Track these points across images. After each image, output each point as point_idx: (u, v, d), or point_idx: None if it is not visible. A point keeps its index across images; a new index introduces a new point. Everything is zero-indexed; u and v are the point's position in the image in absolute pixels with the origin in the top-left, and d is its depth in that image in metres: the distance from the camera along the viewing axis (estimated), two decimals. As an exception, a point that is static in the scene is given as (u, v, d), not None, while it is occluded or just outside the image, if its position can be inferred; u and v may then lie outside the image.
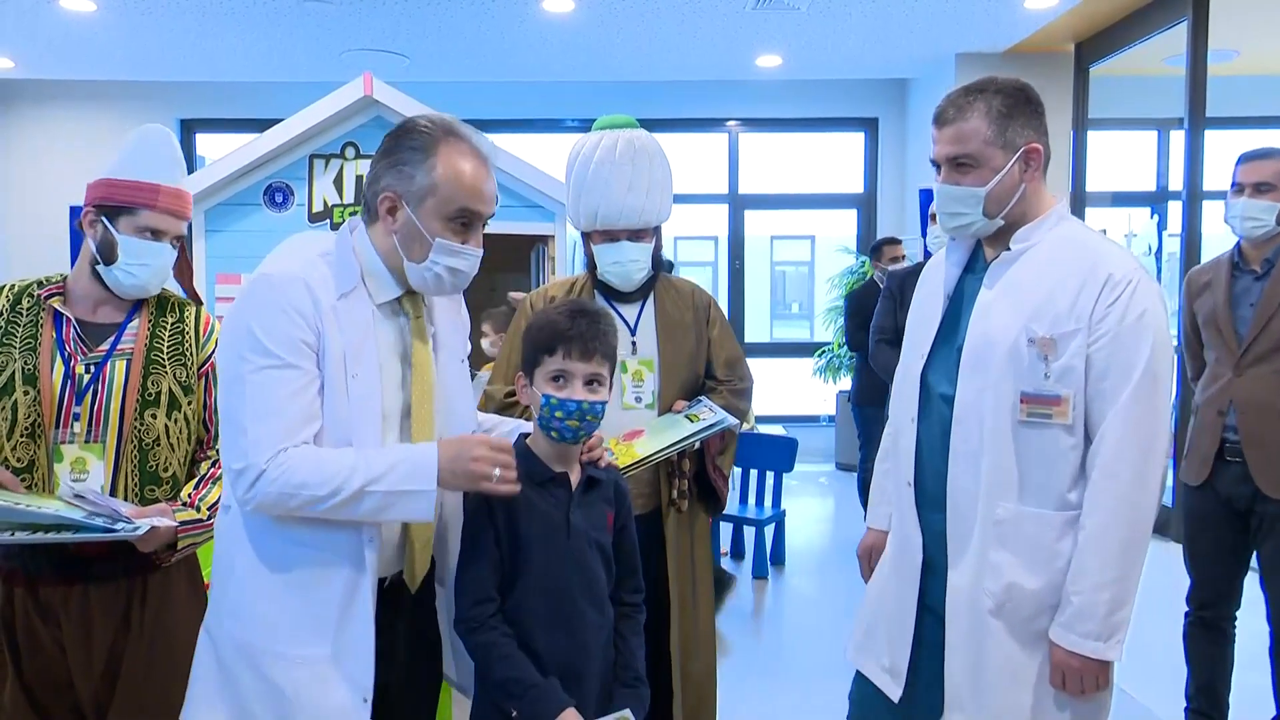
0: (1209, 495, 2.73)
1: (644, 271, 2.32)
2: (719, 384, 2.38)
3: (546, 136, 7.95)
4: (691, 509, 2.36)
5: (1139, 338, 1.60)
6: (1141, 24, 5.73)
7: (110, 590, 1.81)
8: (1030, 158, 1.68)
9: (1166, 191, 7.05)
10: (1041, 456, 1.64)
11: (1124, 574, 1.59)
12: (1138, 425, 1.59)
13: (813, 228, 18.38)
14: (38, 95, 7.41)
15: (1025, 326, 1.64)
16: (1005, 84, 1.70)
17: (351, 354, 1.49)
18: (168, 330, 1.91)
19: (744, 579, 4.80)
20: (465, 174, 1.53)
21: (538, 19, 5.82)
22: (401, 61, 6.68)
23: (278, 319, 1.44)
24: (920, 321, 1.87)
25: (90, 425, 1.80)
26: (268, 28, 5.96)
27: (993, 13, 5.76)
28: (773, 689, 3.47)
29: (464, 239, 1.55)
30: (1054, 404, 1.63)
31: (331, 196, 4.61)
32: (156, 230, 1.85)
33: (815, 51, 6.66)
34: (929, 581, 1.80)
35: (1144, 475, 1.59)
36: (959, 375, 1.71)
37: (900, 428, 1.87)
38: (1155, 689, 3.32)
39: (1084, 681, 1.62)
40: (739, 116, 7.83)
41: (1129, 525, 1.59)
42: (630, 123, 2.37)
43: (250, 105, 7.45)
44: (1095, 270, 1.62)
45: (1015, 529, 1.66)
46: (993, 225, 1.71)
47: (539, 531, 1.60)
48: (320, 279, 1.49)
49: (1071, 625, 1.61)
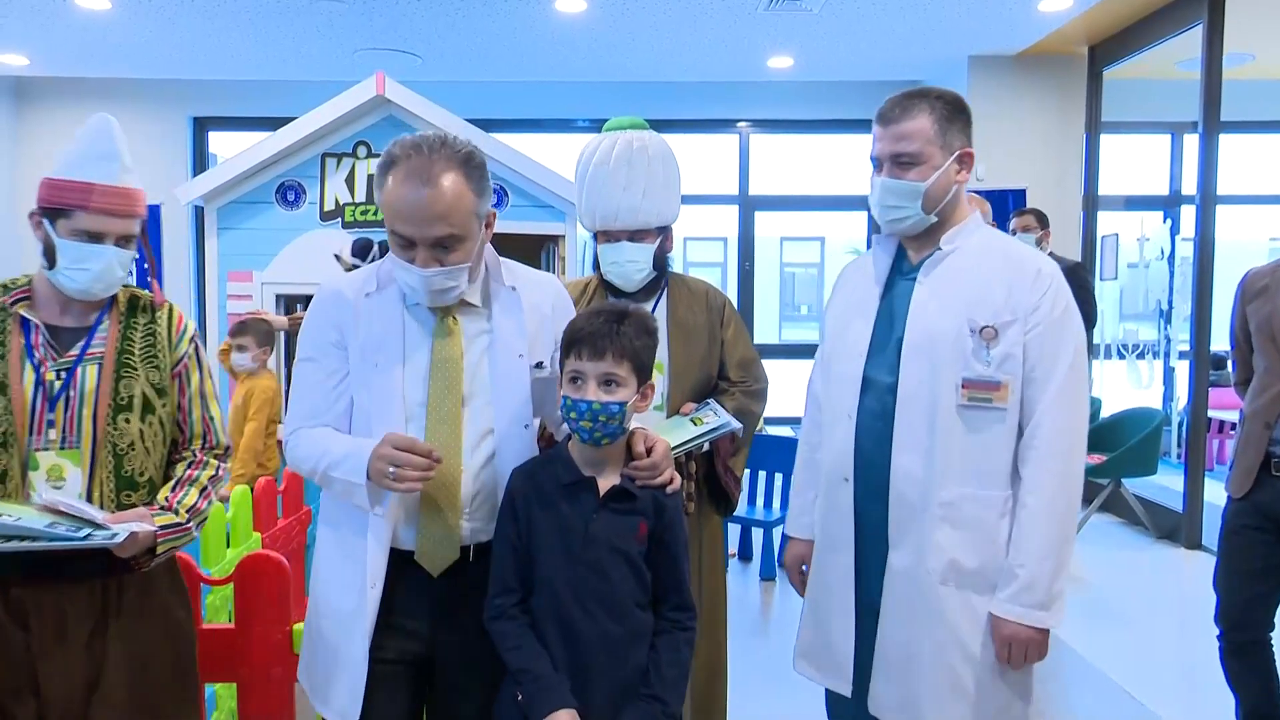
0: (1249, 508, 2.62)
1: (644, 273, 2.31)
2: (732, 385, 2.37)
3: (558, 136, 7.95)
4: (703, 511, 2.35)
5: (1065, 328, 1.76)
6: (1156, 27, 5.70)
7: (85, 591, 1.74)
8: (964, 160, 1.84)
9: (1180, 196, 7.01)
10: (983, 439, 1.77)
11: (1062, 545, 1.73)
12: (1068, 408, 1.73)
13: (823, 229, 18.34)
14: (52, 92, 7.45)
15: (968, 317, 1.77)
16: (944, 92, 1.85)
17: (373, 345, 1.69)
18: (139, 332, 1.85)
19: (751, 581, 4.79)
20: (392, 199, 1.61)
21: (550, 19, 5.82)
22: (414, 61, 6.69)
23: (313, 322, 1.75)
24: (851, 320, 1.96)
25: (65, 432, 1.74)
26: (281, 26, 5.98)
27: (1006, 15, 5.73)
28: (779, 691, 3.46)
29: (409, 257, 1.63)
30: (994, 389, 1.76)
31: (343, 195, 4.62)
32: (93, 232, 1.73)
33: (827, 53, 6.65)
34: (865, 575, 1.88)
35: (1076, 453, 1.75)
36: (901, 366, 1.82)
37: (835, 424, 1.94)
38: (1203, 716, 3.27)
39: (1029, 652, 1.73)
40: (750, 117, 7.82)
41: (1067, 500, 1.74)
42: (638, 124, 2.37)
43: (263, 104, 7.47)
44: (1024, 266, 1.79)
45: (959, 510, 1.77)
46: (926, 221, 1.84)
47: (555, 533, 1.61)
48: (358, 282, 1.74)
49: (1018, 597, 1.72)
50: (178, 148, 7.60)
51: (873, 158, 1.88)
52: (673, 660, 1.64)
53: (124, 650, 1.76)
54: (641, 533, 1.63)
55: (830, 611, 1.94)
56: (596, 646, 1.59)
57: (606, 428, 1.60)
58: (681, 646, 1.66)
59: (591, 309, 1.67)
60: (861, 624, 1.90)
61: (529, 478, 1.67)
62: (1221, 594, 2.70)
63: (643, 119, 2.40)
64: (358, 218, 4.58)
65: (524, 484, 1.66)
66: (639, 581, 1.63)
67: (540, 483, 1.65)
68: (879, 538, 1.85)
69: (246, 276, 4.30)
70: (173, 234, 7.23)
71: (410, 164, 1.60)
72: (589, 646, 1.58)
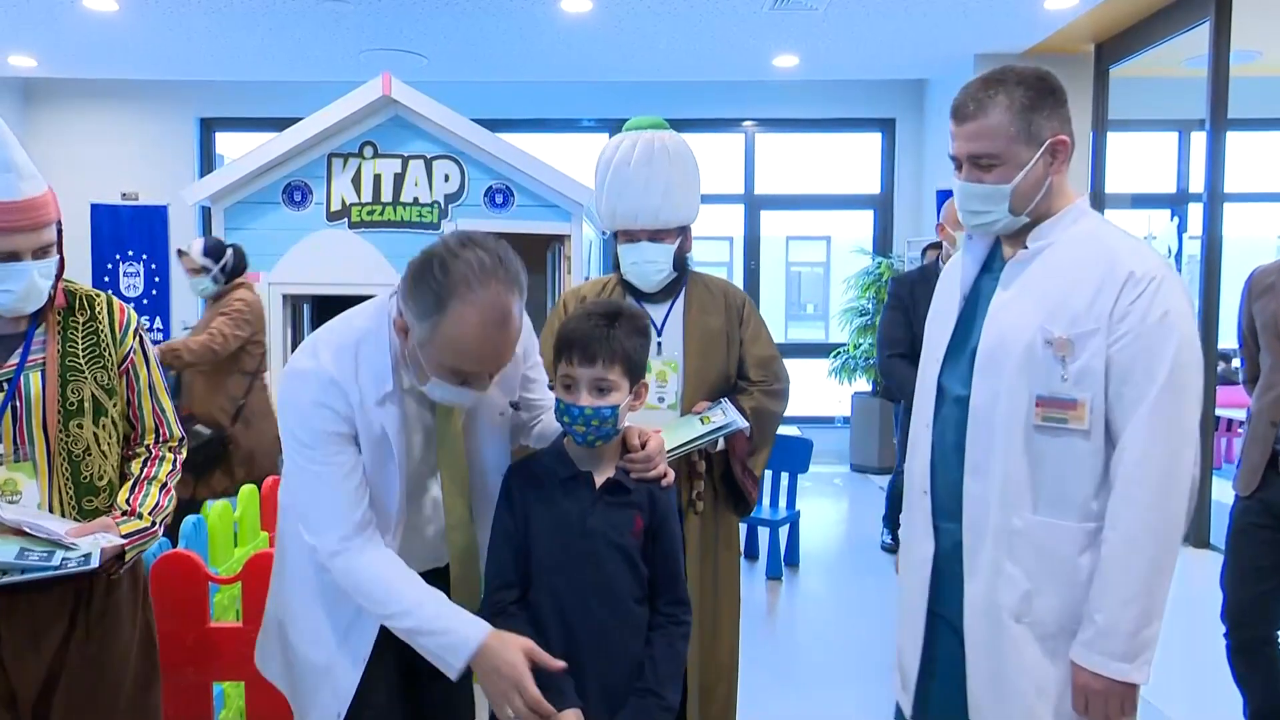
0: (1257, 506, 2.62)
1: (663, 273, 2.30)
2: (752, 385, 2.34)
3: (563, 136, 7.96)
4: (719, 511, 2.33)
5: (1163, 338, 1.50)
6: (1162, 25, 5.68)
7: (55, 597, 1.69)
8: (1056, 150, 1.60)
9: (1187, 193, 6.99)
10: (1058, 464, 1.56)
11: (1150, 589, 1.49)
12: (1163, 432, 1.50)
13: (829, 229, 18.30)
14: (60, 93, 7.48)
15: (1041, 326, 1.56)
16: (1026, 74, 1.59)
17: (392, 441, 1.56)
18: (80, 331, 1.76)
19: (758, 580, 4.79)
20: (465, 341, 1.43)
21: (556, 19, 5.83)
22: (420, 61, 6.71)
23: (310, 415, 1.52)
24: (936, 323, 1.81)
25: (15, 444, 1.66)
26: (287, 27, 5.99)
27: (1012, 13, 5.72)
28: (786, 690, 3.46)
29: (460, 381, 1.50)
30: (1070, 408, 1.54)
31: (350, 195, 4.63)
32: (7, 253, 1.62)
33: (832, 52, 6.64)
34: (944, 592, 1.73)
35: (1170, 485, 1.50)
36: (973, 378, 1.64)
37: (917, 434, 1.80)
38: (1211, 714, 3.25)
39: (1108, 706, 1.53)
40: (755, 117, 7.81)
41: (1155, 538, 1.50)
42: (658, 124, 2.35)
43: (269, 104, 7.49)
44: (1115, 267, 1.54)
45: (1029, 540, 1.58)
46: (1018, 222, 1.64)
47: (554, 527, 1.62)
48: (354, 377, 1.53)
49: (1094, 644, 1.52)
50: (185, 148, 7.63)
51: (951, 156, 1.67)
52: (668, 655, 1.63)
53: (89, 653, 1.73)
54: (637, 527, 1.63)
55: (905, 626, 1.82)
56: (593, 639, 1.59)
57: (600, 431, 1.60)
58: (677, 641, 1.65)
59: (584, 309, 1.65)
60: (938, 644, 1.75)
61: (526, 471, 1.67)
62: (1228, 592, 2.70)
63: (662, 119, 2.38)
64: (364, 218, 4.58)
65: (521, 478, 1.67)
66: (634, 575, 1.63)
67: (537, 476, 1.66)
68: (956, 557, 1.69)
69: (254, 276, 4.31)
70: (180, 234, 7.26)
71: (486, 301, 1.42)
72: (585, 639, 1.59)
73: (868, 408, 7.30)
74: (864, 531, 5.78)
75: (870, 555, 5.25)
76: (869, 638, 3.99)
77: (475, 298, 1.41)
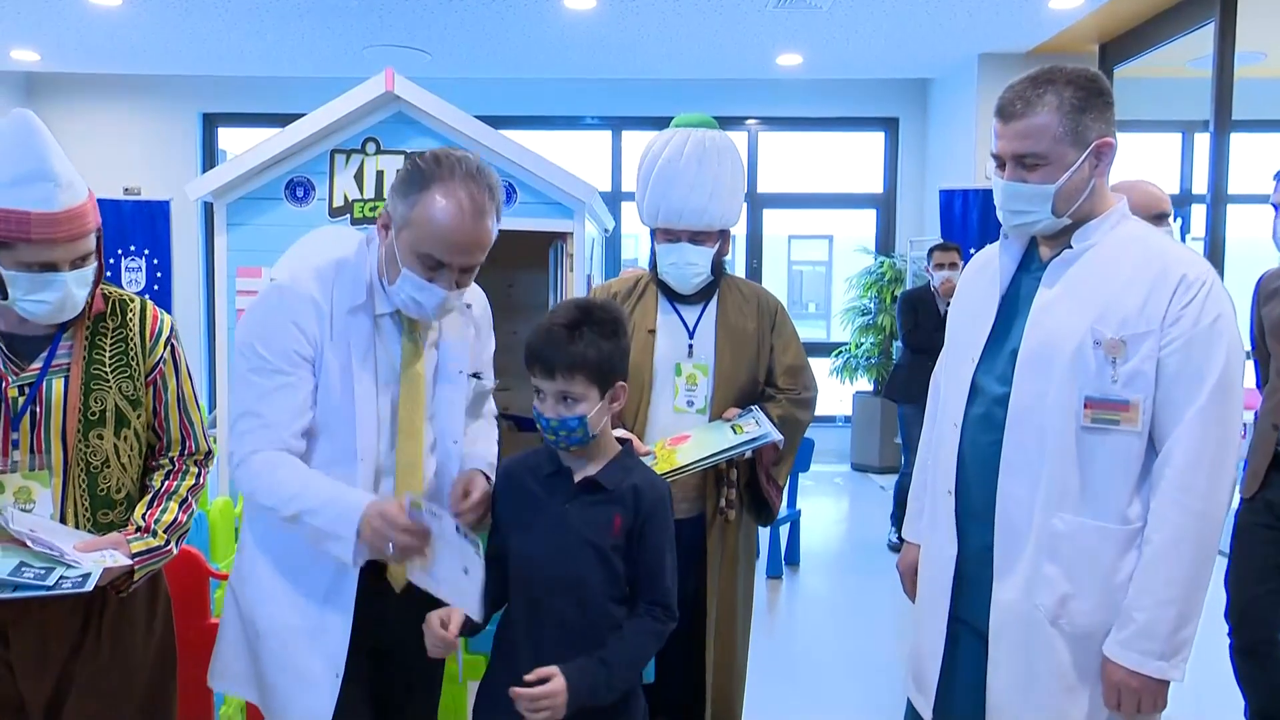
0: (1261, 507, 2.62)
1: (701, 276, 2.27)
2: (780, 393, 2.31)
3: (566, 133, 7.95)
4: (742, 518, 2.31)
5: (1213, 343, 1.51)
6: (1167, 25, 5.67)
7: (66, 610, 1.62)
8: (1101, 153, 1.59)
9: (1190, 195, 6.97)
10: (1106, 465, 1.56)
11: (1191, 591, 1.51)
12: (1211, 436, 1.50)
13: (831, 228, 18.29)
14: (63, 88, 7.48)
15: (1091, 328, 1.55)
16: (1076, 74, 1.58)
17: (357, 364, 1.62)
18: (109, 338, 1.68)
19: (758, 579, 4.79)
20: (438, 221, 1.54)
21: (559, 16, 5.82)
22: (423, 57, 6.70)
23: (278, 329, 1.60)
24: (969, 320, 1.76)
25: (32, 452, 1.59)
26: (290, 23, 5.99)
27: (1016, 13, 5.71)
28: (786, 688, 3.46)
29: (430, 277, 1.58)
30: (1122, 409, 1.53)
31: (352, 191, 4.63)
32: (43, 263, 1.54)
33: (836, 50, 6.63)
34: (965, 595, 1.71)
35: (1215, 489, 1.51)
36: (1015, 378, 1.62)
37: (943, 433, 1.78)
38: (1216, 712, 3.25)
39: (1142, 702, 1.54)
40: (758, 115, 7.80)
41: (1197, 540, 1.51)
42: (708, 122, 2.31)
43: (272, 100, 7.49)
44: (1167, 271, 1.54)
45: (1073, 542, 1.57)
46: (1059, 223, 1.62)
47: (529, 523, 1.65)
48: (331, 290, 1.62)
49: (1132, 643, 1.52)
50: (187, 144, 7.63)
51: (993, 154, 1.65)
52: (631, 641, 1.61)
53: (100, 665, 1.67)
54: (616, 526, 1.62)
55: (924, 629, 1.80)
56: (558, 632, 1.60)
57: (570, 439, 1.61)
58: (645, 634, 1.63)
59: (548, 318, 1.64)
60: (959, 648, 1.73)
61: (519, 464, 1.72)
62: (1231, 592, 2.70)
63: (711, 118, 2.33)
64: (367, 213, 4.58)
65: (507, 474, 1.72)
66: (609, 574, 1.62)
67: (522, 473, 1.70)
68: (982, 561, 1.67)
69: (256, 272, 4.31)
70: (182, 230, 7.26)
71: (464, 191, 1.54)
72: (550, 630, 1.60)
73: (869, 407, 7.29)
74: (865, 530, 5.78)
75: (871, 554, 5.25)
76: (870, 637, 3.99)
77: (455, 186, 1.54)
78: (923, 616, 1.81)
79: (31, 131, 1.54)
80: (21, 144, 1.53)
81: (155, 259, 7.36)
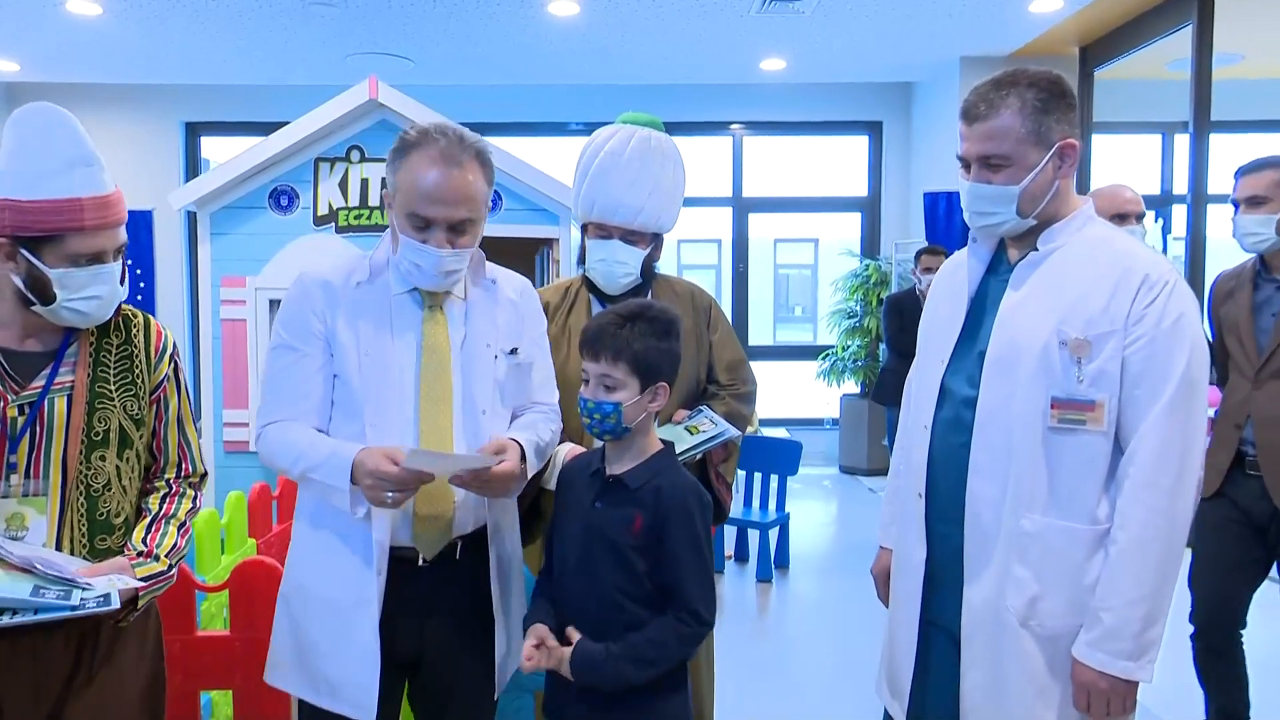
0: (1222, 506, 2.62)
1: (630, 277, 2.22)
2: (721, 389, 2.30)
3: (551, 140, 7.95)
4: None
5: (1176, 342, 1.52)
6: (1146, 28, 5.72)
7: (59, 642, 1.54)
8: (1065, 154, 1.61)
9: (1171, 195, 7.03)
10: (1073, 466, 1.57)
11: (1158, 590, 1.51)
12: (1175, 435, 1.51)
13: (816, 231, 18.36)
14: (43, 98, 7.39)
15: (1056, 328, 1.57)
16: (1038, 76, 1.61)
17: (367, 334, 1.70)
18: (114, 355, 1.61)
19: (748, 582, 4.79)
20: (418, 180, 1.63)
21: (543, 22, 5.83)
22: (406, 65, 6.69)
23: (294, 310, 1.73)
24: (939, 324, 1.78)
25: (28, 475, 1.51)
26: (273, 31, 5.97)
27: (997, 16, 5.75)
28: (775, 692, 3.46)
29: (423, 238, 1.65)
30: (1088, 409, 1.54)
31: (336, 199, 4.61)
32: (93, 254, 1.50)
33: (820, 55, 6.66)
34: (936, 598, 1.72)
35: (1180, 487, 1.51)
36: (982, 379, 1.64)
37: (912, 436, 1.79)
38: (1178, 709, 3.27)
39: (1110, 704, 1.54)
40: (743, 119, 7.83)
41: (1164, 539, 1.51)
42: (654, 122, 2.28)
43: (255, 109, 7.46)
44: (1130, 271, 1.56)
45: (1041, 542, 1.58)
46: (1024, 224, 1.64)
47: (564, 518, 1.75)
48: (346, 272, 1.74)
49: (1100, 644, 1.52)
50: (170, 153, 7.59)
51: (959, 157, 1.67)
52: (651, 636, 1.62)
53: (93, 696, 1.58)
54: (637, 525, 1.64)
55: (896, 632, 1.81)
56: (578, 624, 1.67)
57: (603, 425, 1.66)
58: (667, 634, 1.62)
59: (612, 309, 1.71)
60: (931, 650, 1.74)
61: (576, 462, 1.82)
62: (1196, 591, 2.70)
63: (658, 118, 2.31)
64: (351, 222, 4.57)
65: (571, 467, 1.82)
66: (627, 573, 1.64)
67: (582, 466, 1.79)
68: (953, 562, 1.68)
69: (240, 282, 4.28)
70: (165, 240, 7.22)
71: (439, 147, 1.63)
72: (572, 623, 1.67)
73: (856, 409, 7.31)
74: (853, 533, 5.79)
75: (860, 557, 5.25)
76: (858, 639, 4.00)
77: (435, 145, 1.64)
78: (895, 620, 1.82)
79: (61, 118, 1.54)
80: (55, 132, 1.52)
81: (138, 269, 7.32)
